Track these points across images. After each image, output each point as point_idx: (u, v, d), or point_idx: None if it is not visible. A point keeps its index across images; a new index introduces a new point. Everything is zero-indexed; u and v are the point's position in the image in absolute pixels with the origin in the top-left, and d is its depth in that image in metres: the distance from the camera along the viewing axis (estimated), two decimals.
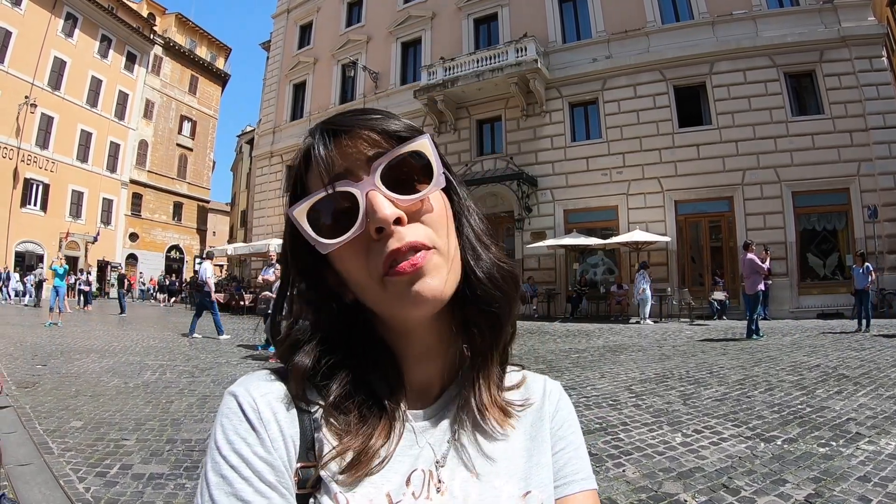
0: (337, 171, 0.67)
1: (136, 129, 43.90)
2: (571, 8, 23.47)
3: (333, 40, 30.02)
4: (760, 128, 19.21)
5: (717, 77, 20.13)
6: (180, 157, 48.96)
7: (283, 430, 0.66)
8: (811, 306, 18.08)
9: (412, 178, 0.67)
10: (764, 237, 18.36)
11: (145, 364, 10.37)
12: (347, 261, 0.67)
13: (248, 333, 16.32)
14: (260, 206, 32.13)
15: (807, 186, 18.58)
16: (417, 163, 0.67)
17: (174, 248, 48.04)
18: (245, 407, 0.65)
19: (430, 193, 0.68)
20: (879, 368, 8.97)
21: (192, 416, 6.62)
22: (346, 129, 0.68)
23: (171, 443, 5.49)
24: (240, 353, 12.39)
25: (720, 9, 20.57)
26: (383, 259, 0.64)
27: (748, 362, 9.80)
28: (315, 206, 0.66)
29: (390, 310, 0.68)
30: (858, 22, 19.12)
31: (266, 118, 33.12)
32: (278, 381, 0.70)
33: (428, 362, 0.76)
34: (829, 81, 18.97)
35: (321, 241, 0.66)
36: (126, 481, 4.47)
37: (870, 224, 17.64)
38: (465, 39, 25.24)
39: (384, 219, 0.63)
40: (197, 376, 9.29)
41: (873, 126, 18.19)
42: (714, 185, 18.85)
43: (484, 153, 24.02)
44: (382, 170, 0.65)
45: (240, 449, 0.62)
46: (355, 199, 0.65)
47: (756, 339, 12.60)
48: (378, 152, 0.67)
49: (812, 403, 6.81)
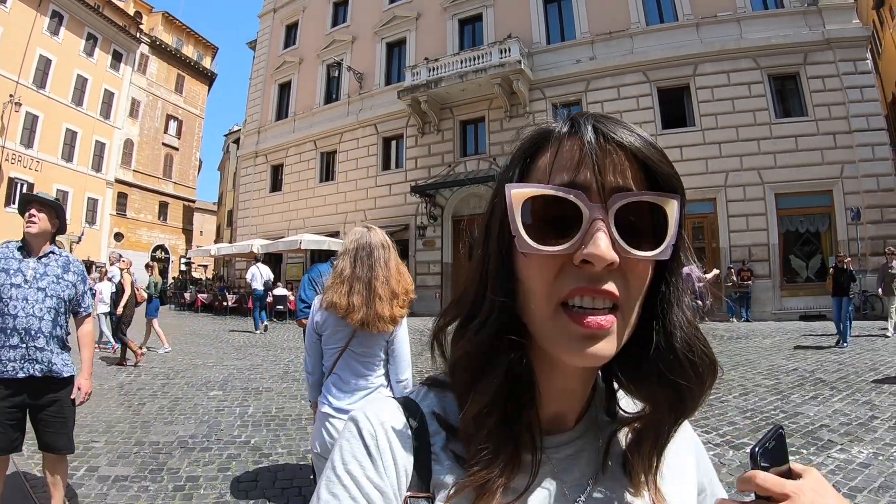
0: (583, 180, 0.61)
1: (122, 128, 43.41)
2: (556, 9, 23.37)
3: (319, 40, 29.84)
4: (744, 129, 19.17)
5: (701, 79, 20.06)
6: (166, 156, 48.48)
7: (396, 459, 0.67)
8: (794, 308, 18.06)
9: (640, 228, 0.61)
10: (747, 239, 18.59)
11: (121, 366, 10.50)
12: (536, 271, 0.63)
13: (225, 334, 16.23)
14: (245, 206, 31.86)
15: (790, 188, 18.56)
16: (654, 218, 0.62)
17: (160, 248, 47.45)
18: (364, 432, 0.68)
19: (650, 258, 0.62)
20: (857, 373, 8.98)
21: (162, 418, 6.74)
22: (618, 138, 0.63)
23: (139, 445, 5.62)
24: (216, 354, 12.31)
25: (705, 10, 20.51)
26: (570, 288, 0.60)
27: (726, 365, 9.74)
28: (538, 196, 0.62)
29: (549, 344, 0.64)
30: (843, 24, 19.09)
31: (251, 118, 32.89)
32: (401, 409, 0.72)
33: (567, 399, 0.73)
34: (813, 84, 18.95)
35: (526, 238, 0.61)
36: (91, 483, 4.59)
37: (853, 226, 17.61)
38: (449, 40, 25.11)
39: (601, 258, 0.58)
40: (172, 378, 9.38)
41: (857, 128, 18.18)
42: (697, 186, 18.68)
43: (467, 154, 23.87)
44: (621, 205, 0.60)
45: (353, 470, 0.65)
46: (579, 215, 0.60)
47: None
48: (627, 186, 0.61)
49: (786, 409, 6.86)
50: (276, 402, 7.89)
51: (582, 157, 0.62)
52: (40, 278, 3.60)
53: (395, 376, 3.17)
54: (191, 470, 5.08)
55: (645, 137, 0.64)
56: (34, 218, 3.60)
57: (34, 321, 3.51)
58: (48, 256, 3.70)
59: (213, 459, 5.38)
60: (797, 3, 19.76)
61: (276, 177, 30.78)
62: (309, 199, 28.25)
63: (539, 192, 0.61)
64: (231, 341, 14.82)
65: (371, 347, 3.09)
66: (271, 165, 30.89)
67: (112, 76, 42.51)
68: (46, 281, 3.62)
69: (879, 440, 5.58)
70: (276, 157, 30.59)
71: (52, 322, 3.62)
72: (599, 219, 0.59)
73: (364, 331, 2.97)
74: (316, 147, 28.62)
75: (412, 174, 24.44)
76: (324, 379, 3.16)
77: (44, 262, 3.67)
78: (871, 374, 8.84)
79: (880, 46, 31.82)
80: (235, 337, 15.94)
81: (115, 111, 42.82)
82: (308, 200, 28.27)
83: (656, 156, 0.63)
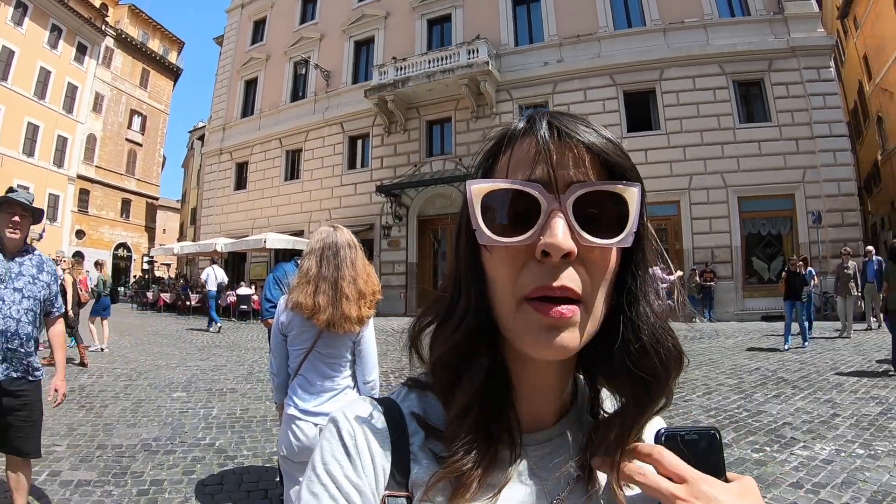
0: (540, 175, 0.62)
1: (85, 122, 42.43)
2: (525, 11, 23.49)
3: (287, 37, 29.52)
4: (708, 134, 19.46)
5: (667, 83, 20.32)
6: (129, 152, 47.54)
7: (374, 459, 0.67)
8: (756, 308, 18.36)
9: (601, 218, 0.61)
10: (710, 241, 18.90)
11: (83, 368, 10.25)
12: (499, 265, 0.64)
13: (188, 334, 16.01)
14: (208, 204, 31.35)
15: (753, 192, 18.89)
16: (614, 207, 0.62)
17: (122, 246, 46.64)
18: (343, 432, 0.69)
19: (610, 246, 0.62)
20: (818, 372, 9.23)
21: (125, 420, 6.66)
22: (573, 133, 0.64)
23: (102, 448, 5.55)
24: (179, 354, 12.23)
25: (672, 16, 20.84)
26: (533, 286, 0.60)
27: (689, 365, 9.71)
28: (496, 191, 0.63)
29: (515, 338, 0.64)
30: (808, 33, 19.60)
31: (217, 114, 32.40)
32: (380, 409, 0.72)
33: (543, 395, 0.73)
34: (777, 90, 19.40)
35: (486, 230, 0.62)
36: (54, 488, 4.52)
37: (814, 229, 18.03)
38: (418, 40, 25.06)
39: (558, 247, 0.58)
40: (135, 379, 9.27)
41: (819, 134, 18.64)
42: (661, 189, 18.82)
43: (433, 154, 23.80)
44: (578, 196, 0.60)
45: (332, 470, 0.66)
46: (537, 208, 0.60)
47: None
48: (585, 178, 0.62)
49: (749, 407, 7.03)
50: (241, 403, 7.80)
51: (538, 152, 0.63)
52: (16, 278, 3.48)
53: (362, 377, 3.14)
54: (155, 473, 5.01)
55: (600, 131, 0.65)
56: (18, 225, 3.48)
57: (11, 322, 3.39)
58: (23, 255, 3.58)
59: (177, 462, 5.30)
60: (763, 11, 20.23)
61: (240, 175, 30.37)
62: (274, 198, 27.93)
63: (497, 186, 0.62)
64: (194, 341, 14.69)
65: (337, 348, 3.05)
66: (236, 163, 30.47)
67: (76, 69, 41.60)
68: (23, 281, 3.50)
69: (841, 437, 5.69)
70: (240, 155, 30.20)
71: (30, 323, 3.51)
72: (556, 209, 0.60)
73: (330, 331, 2.93)
74: (281, 145, 28.32)
75: (378, 173, 24.29)
76: (290, 380, 3.11)
77: (18, 261, 3.55)
78: (832, 373, 9.04)
79: (844, 55, 32.56)
80: (199, 337, 15.79)
81: (78, 105, 41.86)
82: (273, 199, 27.96)
83: (611, 149, 0.64)
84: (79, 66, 41.88)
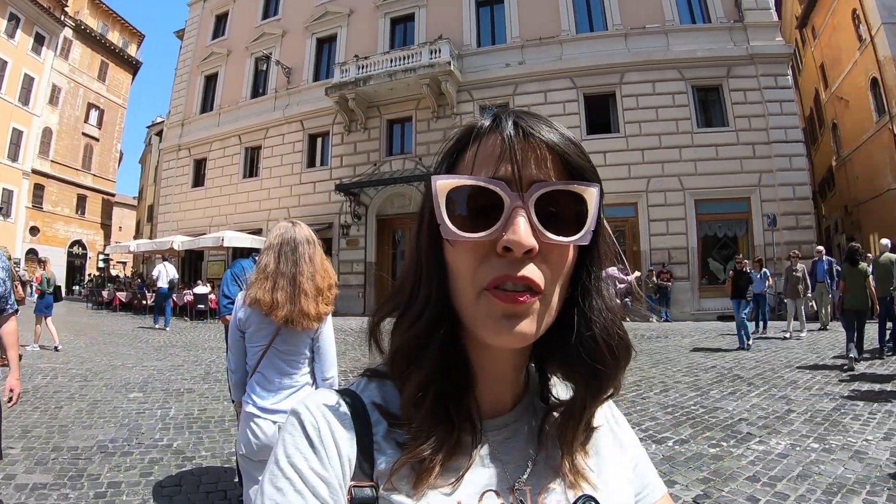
0: (504, 173, 0.64)
1: (41, 115, 41.20)
2: (488, 13, 23.58)
3: (249, 32, 29.07)
4: (666, 137, 19.74)
5: (627, 87, 20.59)
6: (86, 146, 46.31)
7: (339, 449, 0.67)
8: (711, 308, 18.65)
9: (561, 216, 0.63)
10: (667, 242, 19.17)
11: (37, 367, 10.00)
12: (461, 258, 0.65)
13: (143, 333, 15.73)
14: (166, 201, 30.70)
15: (709, 195, 19.23)
16: (574, 206, 0.64)
17: (77, 244, 45.50)
18: (306, 424, 0.68)
19: (569, 243, 0.64)
20: (773, 369, 9.47)
21: (80, 422, 6.55)
22: (536, 134, 0.65)
23: (58, 451, 5.46)
24: (136, 354, 12.03)
25: (634, 21, 21.17)
26: (493, 277, 0.62)
27: (646, 364, 10.16)
28: (460, 187, 0.64)
29: (475, 326, 0.66)
30: (767, 41, 20.11)
31: (175, 110, 31.74)
32: (342, 400, 0.72)
33: (501, 382, 0.75)
34: (735, 96, 19.83)
35: (450, 225, 0.63)
36: (9, 492, 4.44)
37: (769, 232, 18.46)
38: (380, 38, 24.94)
39: (520, 244, 0.60)
40: (90, 380, 9.10)
41: (775, 139, 19.10)
42: (619, 191, 18.98)
43: (393, 153, 23.67)
44: (540, 194, 0.62)
45: (297, 463, 0.65)
46: (500, 204, 0.62)
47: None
48: (547, 177, 0.64)
49: (706, 404, 7.18)
50: (199, 403, 7.70)
51: (503, 151, 0.64)
52: None
53: (321, 374, 3.10)
54: (112, 476, 4.90)
55: (563, 132, 0.67)
56: None
57: None
58: None
59: (134, 464, 5.20)
60: (724, 18, 20.69)
61: (198, 171, 29.78)
62: (232, 195, 27.47)
63: (462, 182, 0.63)
64: (150, 341, 14.40)
65: (296, 345, 3.01)
66: (194, 159, 29.88)
67: (33, 60, 40.39)
68: None
69: (796, 432, 5.84)
70: (199, 151, 29.64)
71: None
72: (519, 206, 0.61)
73: (289, 328, 2.90)
74: (240, 142, 27.88)
75: (337, 172, 24.03)
76: (248, 378, 3.05)
77: None
78: (787, 370, 9.26)
79: (801, 63, 33.25)
80: (155, 336, 15.50)
81: (34, 97, 40.60)
82: (231, 196, 27.50)
83: (573, 149, 0.66)
84: (36, 56, 40.68)
